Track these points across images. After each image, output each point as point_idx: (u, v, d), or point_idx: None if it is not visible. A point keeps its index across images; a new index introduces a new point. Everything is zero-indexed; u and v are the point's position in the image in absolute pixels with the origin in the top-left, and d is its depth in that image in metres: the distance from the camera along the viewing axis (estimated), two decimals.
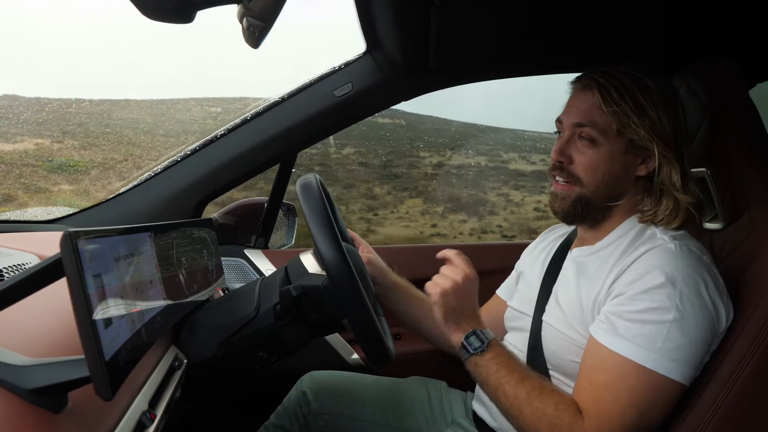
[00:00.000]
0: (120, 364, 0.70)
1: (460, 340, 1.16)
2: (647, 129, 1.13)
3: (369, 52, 1.69)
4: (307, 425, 1.49)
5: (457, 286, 1.17)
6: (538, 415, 1.05)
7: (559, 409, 1.05)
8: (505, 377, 1.10)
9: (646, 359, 1.01)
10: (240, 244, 1.94)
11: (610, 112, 1.14)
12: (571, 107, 1.22)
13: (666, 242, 1.10)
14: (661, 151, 1.14)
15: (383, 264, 1.52)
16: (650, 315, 1.03)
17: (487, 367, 1.12)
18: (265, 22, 0.94)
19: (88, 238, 0.68)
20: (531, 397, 1.07)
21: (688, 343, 1.02)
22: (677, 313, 1.02)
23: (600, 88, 1.16)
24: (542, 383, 1.10)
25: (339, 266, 1.11)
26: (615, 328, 1.05)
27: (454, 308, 1.17)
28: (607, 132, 1.15)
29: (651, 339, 1.02)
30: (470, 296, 1.19)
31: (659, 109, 1.14)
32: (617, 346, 1.04)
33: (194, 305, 1.18)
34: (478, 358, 1.13)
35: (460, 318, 1.17)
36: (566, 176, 1.20)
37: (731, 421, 1.06)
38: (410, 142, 6.42)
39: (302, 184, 1.20)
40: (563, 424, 1.03)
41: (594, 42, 1.52)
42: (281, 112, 1.76)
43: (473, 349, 1.14)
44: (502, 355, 1.13)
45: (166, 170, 1.77)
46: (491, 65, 1.77)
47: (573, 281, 1.21)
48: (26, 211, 2.02)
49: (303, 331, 1.26)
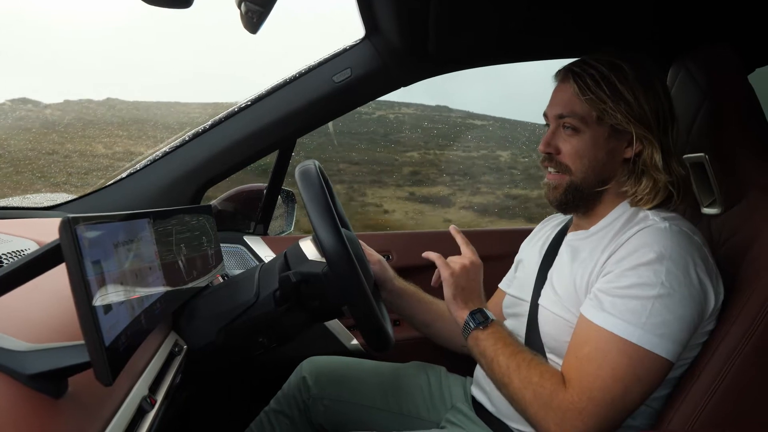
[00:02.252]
0: (120, 350, 0.70)
1: (464, 316, 1.23)
2: (623, 113, 1.16)
3: (368, 38, 1.68)
4: (307, 410, 1.50)
5: (465, 268, 1.27)
6: (525, 383, 1.09)
7: (543, 377, 1.08)
8: (501, 349, 1.16)
9: (630, 333, 1.03)
10: (239, 231, 1.94)
11: (586, 100, 1.18)
12: (553, 99, 1.26)
13: (657, 222, 1.11)
14: (641, 133, 1.16)
15: (390, 270, 1.53)
16: (635, 290, 1.05)
17: (485, 340, 1.19)
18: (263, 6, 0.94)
19: (87, 224, 0.67)
20: (520, 368, 1.11)
21: (673, 318, 1.03)
22: (662, 289, 1.03)
23: (575, 78, 1.20)
24: (533, 357, 1.14)
25: (339, 253, 1.12)
26: (601, 303, 1.07)
27: (463, 287, 1.26)
28: (587, 120, 1.18)
29: (635, 313, 1.03)
30: (476, 279, 1.29)
31: (636, 91, 1.16)
32: (602, 320, 1.06)
33: (194, 292, 1.19)
34: (479, 332, 1.20)
35: (467, 297, 1.25)
36: (555, 166, 1.23)
37: (729, 402, 1.07)
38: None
39: (301, 171, 1.20)
40: (545, 392, 1.06)
41: (593, 27, 1.51)
42: (280, 97, 1.75)
43: (475, 324, 1.20)
44: (501, 332, 1.20)
45: (165, 156, 1.76)
46: (490, 50, 1.77)
47: (567, 264, 1.23)
48: (26, 197, 2.02)
49: (302, 317, 1.27)
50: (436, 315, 1.52)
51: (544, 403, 1.06)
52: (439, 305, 1.55)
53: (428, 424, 1.43)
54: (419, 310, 1.54)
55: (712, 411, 1.07)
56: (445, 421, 1.40)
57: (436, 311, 1.52)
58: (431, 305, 1.53)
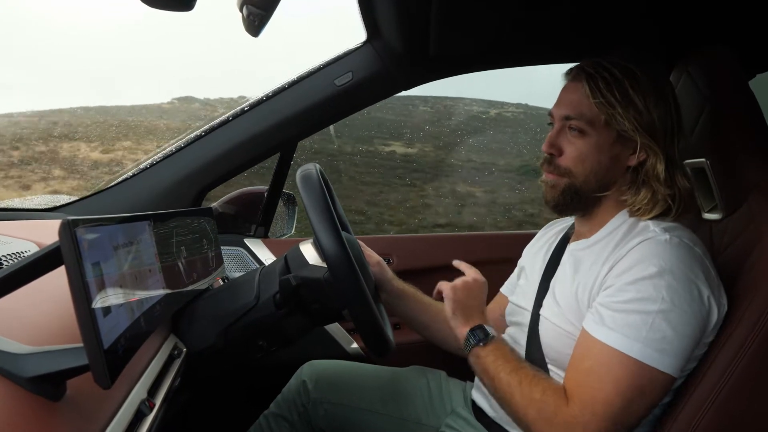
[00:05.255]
0: (119, 353, 0.70)
1: (465, 332, 1.21)
2: (632, 120, 1.14)
3: (369, 41, 1.68)
4: (306, 414, 1.50)
5: (467, 284, 1.26)
6: (527, 401, 1.08)
7: (546, 394, 1.07)
8: (502, 366, 1.14)
9: (630, 348, 1.02)
10: (240, 233, 1.94)
11: (596, 103, 1.15)
12: (561, 99, 1.23)
13: (658, 234, 1.10)
14: (646, 143, 1.14)
15: (390, 272, 1.53)
16: (636, 305, 1.04)
17: (486, 357, 1.17)
18: (264, 10, 0.94)
19: (87, 227, 0.67)
20: (522, 384, 1.10)
21: (674, 334, 1.02)
22: (663, 304, 1.02)
23: (588, 79, 1.17)
24: (535, 373, 1.13)
25: (340, 258, 1.12)
26: (602, 318, 1.06)
27: (464, 304, 1.24)
28: (595, 123, 1.16)
29: (636, 328, 1.02)
30: (478, 296, 1.27)
31: (647, 99, 1.14)
32: (603, 335, 1.05)
33: (194, 294, 1.18)
34: (479, 349, 1.18)
35: (467, 313, 1.24)
36: (556, 167, 1.21)
37: (729, 409, 1.07)
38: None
39: (302, 175, 1.20)
40: (548, 408, 1.06)
41: (593, 32, 1.51)
42: (282, 101, 1.76)
43: (475, 341, 1.19)
44: (502, 349, 1.18)
45: (166, 159, 1.76)
46: (492, 54, 1.77)
47: (569, 275, 1.22)
48: (26, 199, 2.02)
49: (303, 320, 1.27)
50: (435, 316, 1.51)
51: (547, 419, 1.05)
52: (438, 306, 1.54)
53: (428, 429, 1.42)
54: (418, 311, 1.54)
55: (712, 418, 1.06)
56: (445, 426, 1.40)
57: (435, 312, 1.52)
58: (430, 306, 1.53)
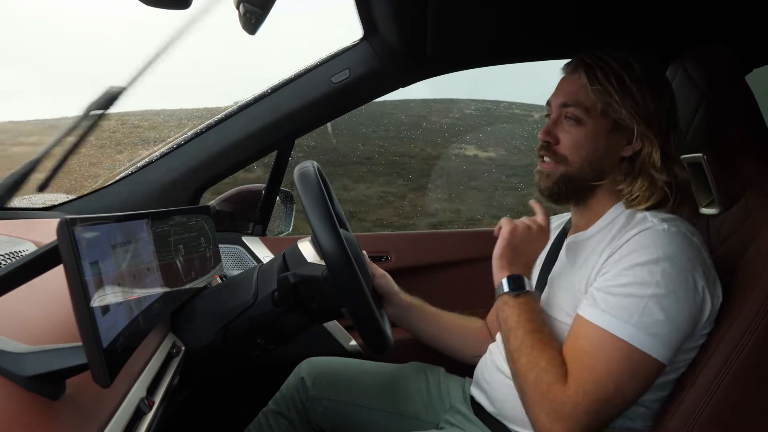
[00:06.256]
0: (117, 351, 0.70)
1: (504, 276, 1.19)
2: (629, 109, 1.15)
3: (366, 39, 1.68)
4: (305, 411, 1.50)
5: (528, 231, 1.23)
6: (531, 366, 1.08)
7: (550, 364, 1.06)
8: (523, 323, 1.12)
9: (620, 330, 1.02)
10: (238, 231, 1.94)
11: (594, 90, 1.16)
12: (559, 89, 1.24)
13: (656, 224, 1.10)
14: (642, 131, 1.15)
15: (395, 286, 1.53)
16: (630, 289, 1.04)
17: (513, 308, 1.15)
18: (261, 8, 0.94)
19: (85, 225, 0.67)
20: (534, 347, 1.09)
21: (666, 320, 1.02)
22: (657, 288, 1.03)
23: (586, 68, 1.18)
24: (551, 341, 1.11)
25: (338, 256, 1.12)
26: (596, 301, 1.07)
27: (514, 248, 1.21)
28: (592, 111, 1.17)
29: (628, 312, 1.03)
30: (534, 245, 1.24)
31: (644, 89, 1.15)
32: (596, 317, 1.05)
33: (192, 292, 1.18)
34: (509, 297, 1.16)
35: (514, 259, 1.20)
36: (552, 155, 1.21)
37: (727, 404, 1.07)
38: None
39: (300, 173, 1.20)
40: (546, 380, 1.05)
41: (590, 28, 1.51)
42: (278, 98, 1.76)
43: (509, 288, 1.17)
44: (530, 305, 1.16)
45: (163, 157, 1.76)
46: (489, 51, 1.77)
47: (567, 269, 1.23)
48: (24, 198, 2.01)
49: (301, 318, 1.27)
50: (443, 328, 1.52)
51: (541, 391, 1.05)
52: (446, 317, 1.55)
53: (427, 425, 1.42)
54: (426, 324, 1.54)
55: (710, 413, 1.07)
56: (444, 422, 1.40)
57: (443, 324, 1.53)
58: (438, 317, 1.54)
